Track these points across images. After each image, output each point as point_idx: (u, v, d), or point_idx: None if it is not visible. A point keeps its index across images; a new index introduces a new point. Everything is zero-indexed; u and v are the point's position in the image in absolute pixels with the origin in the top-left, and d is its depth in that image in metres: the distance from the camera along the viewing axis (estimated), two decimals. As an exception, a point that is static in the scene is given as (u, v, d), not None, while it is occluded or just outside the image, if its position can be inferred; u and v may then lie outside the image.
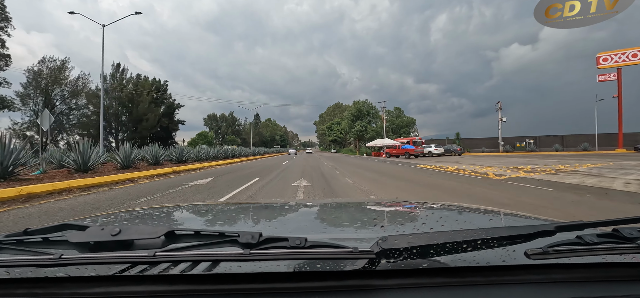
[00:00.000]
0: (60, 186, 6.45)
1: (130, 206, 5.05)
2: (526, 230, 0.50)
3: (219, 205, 1.42)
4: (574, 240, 0.52)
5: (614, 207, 4.56)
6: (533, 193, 5.90)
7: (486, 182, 7.82)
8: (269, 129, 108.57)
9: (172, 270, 0.53)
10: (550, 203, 4.98)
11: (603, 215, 4.13)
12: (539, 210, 4.41)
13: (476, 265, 0.53)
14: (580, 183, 7.07)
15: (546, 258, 0.48)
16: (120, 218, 1.05)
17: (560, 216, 3.84)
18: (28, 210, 4.66)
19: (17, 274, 0.52)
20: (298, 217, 1.22)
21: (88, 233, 0.52)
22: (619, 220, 0.53)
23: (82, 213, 4.54)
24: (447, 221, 1.03)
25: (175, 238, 0.53)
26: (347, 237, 0.83)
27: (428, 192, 6.65)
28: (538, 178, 8.23)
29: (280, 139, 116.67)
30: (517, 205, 4.87)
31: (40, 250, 0.49)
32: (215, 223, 1.04)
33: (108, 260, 0.47)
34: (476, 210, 1.18)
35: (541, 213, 1.52)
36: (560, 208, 4.54)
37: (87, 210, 4.78)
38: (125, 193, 6.49)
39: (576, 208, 4.54)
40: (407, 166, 15.31)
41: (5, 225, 3.82)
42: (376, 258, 0.47)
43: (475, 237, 0.47)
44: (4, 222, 3.94)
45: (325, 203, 1.52)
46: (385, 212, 1.23)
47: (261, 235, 0.49)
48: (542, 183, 7.31)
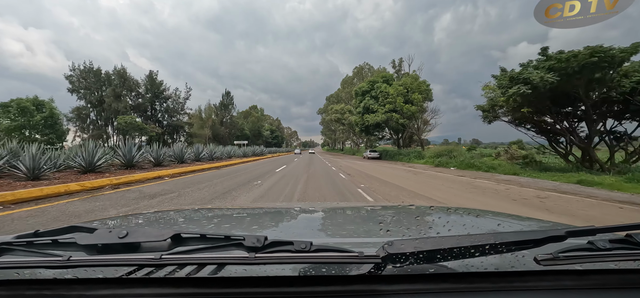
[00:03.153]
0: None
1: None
2: (536, 235, 0.49)
3: (224, 209, 1.42)
4: (586, 245, 0.51)
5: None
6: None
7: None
8: (251, 121, 68.33)
9: (178, 272, 0.54)
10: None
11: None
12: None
13: (484, 271, 0.53)
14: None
15: (557, 264, 0.47)
16: (127, 221, 1.05)
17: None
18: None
19: (27, 275, 0.53)
20: (303, 221, 1.21)
21: (96, 236, 0.52)
22: (633, 225, 0.51)
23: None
24: (454, 226, 1.02)
25: (182, 241, 0.52)
26: (352, 241, 0.83)
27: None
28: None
29: (272, 136, 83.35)
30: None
31: (49, 252, 0.50)
32: (221, 226, 1.04)
33: (115, 262, 0.47)
34: (484, 215, 1.18)
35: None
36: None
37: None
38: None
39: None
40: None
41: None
42: (382, 263, 0.47)
43: (483, 242, 0.47)
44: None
45: (330, 208, 1.51)
46: (391, 216, 1.22)
47: (266, 239, 0.49)
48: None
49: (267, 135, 78.45)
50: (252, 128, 67.43)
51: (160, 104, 40.60)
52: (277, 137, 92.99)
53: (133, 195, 6.15)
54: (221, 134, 49.92)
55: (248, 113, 73.73)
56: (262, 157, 31.86)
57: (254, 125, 68.73)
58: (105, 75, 36.69)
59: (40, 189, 5.68)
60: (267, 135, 77.71)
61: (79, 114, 35.22)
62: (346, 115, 49.89)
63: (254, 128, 68.23)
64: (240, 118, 65.79)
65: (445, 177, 11.57)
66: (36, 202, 5.14)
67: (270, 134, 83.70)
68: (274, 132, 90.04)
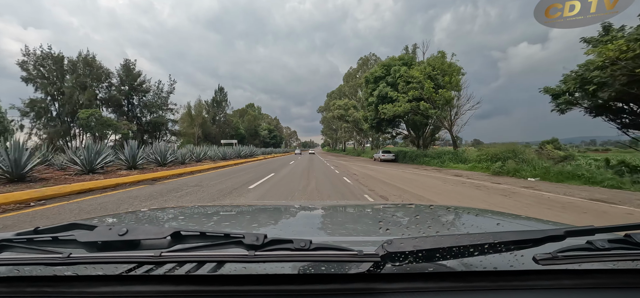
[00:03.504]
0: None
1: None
2: (535, 235, 0.49)
3: (224, 207, 1.42)
4: (585, 245, 0.51)
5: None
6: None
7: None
8: (247, 120, 64.06)
9: (178, 270, 0.54)
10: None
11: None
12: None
13: (483, 270, 0.53)
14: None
15: (555, 264, 0.47)
16: (127, 219, 1.06)
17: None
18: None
19: (27, 272, 0.53)
20: (303, 219, 1.22)
21: (96, 233, 0.52)
22: (632, 225, 0.52)
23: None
24: (453, 224, 1.02)
25: (181, 239, 0.53)
26: (352, 239, 0.83)
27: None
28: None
29: (270, 135, 79.46)
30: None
31: (49, 249, 0.50)
32: (221, 224, 1.04)
33: (115, 259, 0.48)
34: (483, 214, 1.18)
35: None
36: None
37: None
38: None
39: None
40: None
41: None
42: (381, 261, 0.47)
43: (482, 241, 0.47)
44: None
45: (330, 206, 1.52)
46: (390, 214, 1.23)
47: (266, 237, 0.49)
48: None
49: (265, 135, 74.41)
50: (248, 127, 63.09)
51: (139, 97, 33.05)
52: (276, 137, 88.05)
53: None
54: (213, 132, 45.55)
55: (244, 111, 68.78)
56: (251, 160, 26.51)
57: (250, 124, 64.56)
58: (70, 62, 28.09)
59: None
60: (264, 135, 73.52)
61: (34, 107, 27.01)
62: (351, 111, 43.87)
63: (250, 127, 63.93)
64: (236, 116, 61.46)
65: (551, 198, 6.27)
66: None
67: (268, 134, 79.19)
68: (272, 132, 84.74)
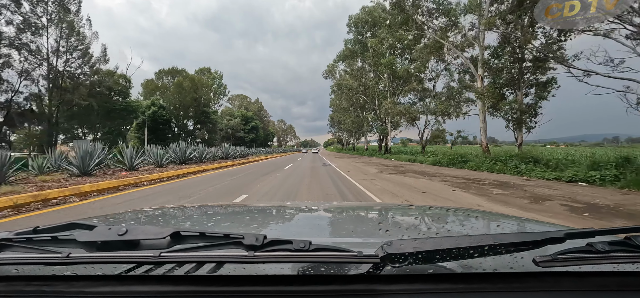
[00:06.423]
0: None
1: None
2: (534, 237, 0.49)
3: (224, 207, 1.42)
4: (585, 247, 0.51)
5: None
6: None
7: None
8: (175, 92, 36.44)
9: (177, 270, 0.54)
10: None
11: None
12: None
13: (483, 272, 0.53)
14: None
15: (555, 266, 0.47)
16: (127, 219, 1.05)
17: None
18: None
19: (27, 272, 0.53)
20: (302, 220, 1.22)
21: (95, 233, 0.52)
22: (632, 228, 0.51)
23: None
24: (453, 226, 1.02)
25: (181, 239, 0.53)
26: (351, 240, 0.83)
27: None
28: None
29: (262, 133, 61.39)
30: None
31: (49, 249, 0.50)
32: (220, 224, 1.04)
33: (114, 259, 0.47)
34: (483, 215, 1.17)
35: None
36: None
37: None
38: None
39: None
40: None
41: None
42: (381, 262, 0.47)
43: (482, 242, 0.47)
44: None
45: (330, 207, 1.51)
46: (390, 216, 1.22)
47: (265, 238, 0.49)
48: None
49: (235, 127, 46.73)
50: (233, 124, 39.93)
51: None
52: (257, 130, 56.66)
53: None
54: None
55: (177, 73, 39.10)
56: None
57: (181, 99, 35.55)
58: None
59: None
60: (234, 126, 46.33)
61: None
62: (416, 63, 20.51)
63: (184, 103, 35.86)
64: (150, 84, 35.88)
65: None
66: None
67: (244, 125, 50.95)
68: (251, 122, 54.93)
